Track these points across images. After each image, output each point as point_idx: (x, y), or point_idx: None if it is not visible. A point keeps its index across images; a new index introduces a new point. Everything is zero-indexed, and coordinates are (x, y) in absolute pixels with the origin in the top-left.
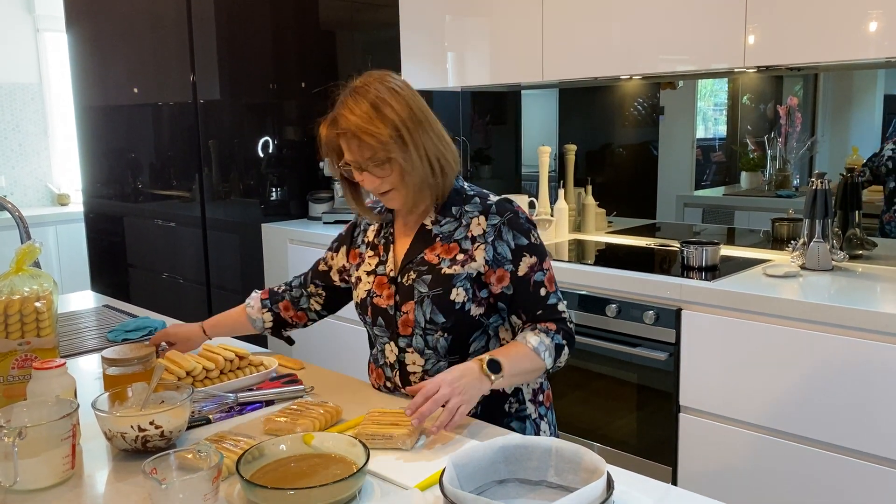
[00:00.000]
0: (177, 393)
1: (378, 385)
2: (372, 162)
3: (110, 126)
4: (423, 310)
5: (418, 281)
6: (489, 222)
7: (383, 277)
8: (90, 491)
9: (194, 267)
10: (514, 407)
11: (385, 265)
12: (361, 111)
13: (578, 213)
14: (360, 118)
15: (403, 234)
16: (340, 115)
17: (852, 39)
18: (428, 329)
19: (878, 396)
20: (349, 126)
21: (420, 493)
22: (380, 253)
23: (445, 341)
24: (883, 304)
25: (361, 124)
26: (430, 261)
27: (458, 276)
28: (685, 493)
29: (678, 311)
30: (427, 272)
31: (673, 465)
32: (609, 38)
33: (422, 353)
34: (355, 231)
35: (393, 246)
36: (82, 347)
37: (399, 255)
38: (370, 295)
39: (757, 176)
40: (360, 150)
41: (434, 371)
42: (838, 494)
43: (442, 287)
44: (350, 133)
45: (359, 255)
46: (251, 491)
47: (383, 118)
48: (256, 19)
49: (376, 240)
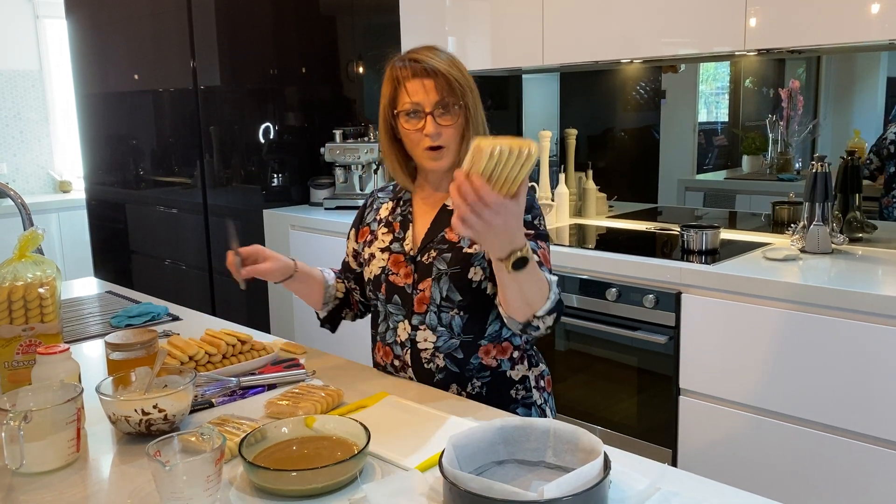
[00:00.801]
0: (180, 377)
1: (384, 363)
2: (441, 105)
3: (111, 113)
4: (440, 287)
5: (438, 259)
6: None
7: (400, 255)
8: (95, 473)
9: (196, 253)
10: (521, 394)
11: (402, 243)
12: (441, 59)
13: (579, 198)
14: (441, 62)
15: (423, 214)
16: (420, 56)
17: (854, 21)
18: (443, 306)
19: (878, 378)
20: (433, 65)
21: (420, 474)
22: (395, 230)
23: (461, 319)
24: (883, 286)
25: (446, 67)
26: (451, 239)
27: (476, 254)
28: (682, 472)
29: (678, 294)
30: (447, 250)
31: (673, 448)
32: (609, 21)
33: (434, 331)
34: (365, 212)
35: (412, 224)
36: (86, 333)
37: (419, 235)
38: (385, 272)
39: (758, 159)
40: (437, 90)
41: (445, 348)
42: (837, 476)
43: (460, 265)
44: (434, 71)
45: (369, 232)
46: (254, 472)
47: (459, 70)
48: (256, 4)
49: (391, 217)
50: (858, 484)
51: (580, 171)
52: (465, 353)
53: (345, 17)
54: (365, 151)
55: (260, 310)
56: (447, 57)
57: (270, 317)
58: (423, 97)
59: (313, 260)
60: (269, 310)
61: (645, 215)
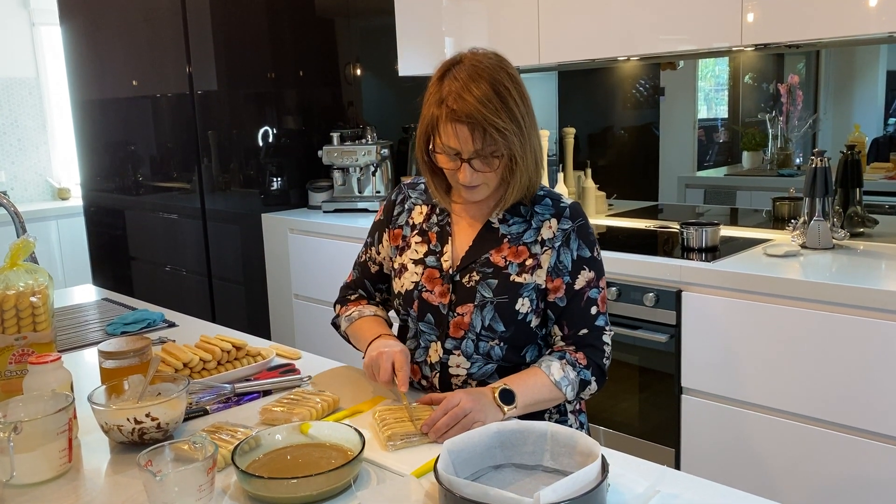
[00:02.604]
0: (173, 385)
1: (411, 382)
2: (481, 155)
3: (108, 119)
4: (483, 315)
5: (482, 284)
6: (560, 226)
7: (435, 271)
8: (88, 484)
9: (195, 258)
10: (555, 417)
11: (439, 257)
12: (482, 94)
13: (578, 197)
14: (484, 105)
15: (466, 228)
16: (456, 94)
17: (853, 15)
18: (483, 335)
19: (880, 374)
20: (471, 112)
21: (416, 480)
22: (431, 242)
23: (500, 350)
24: (884, 281)
25: (487, 114)
26: (496, 263)
27: (526, 285)
28: (681, 474)
29: (678, 292)
30: (493, 276)
31: (676, 447)
32: (606, 19)
33: (469, 358)
34: (394, 211)
35: (451, 239)
36: (85, 340)
37: (459, 251)
38: (418, 288)
39: (759, 155)
40: (473, 140)
41: (479, 375)
42: (841, 473)
43: (508, 295)
44: (470, 120)
45: (402, 237)
46: (247, 481)
47: (508, 110)
48: (252, 8)
49: (426, 225)
50: (860, 479)
51: (579, 169)
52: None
53: (342, 20)
54: (363, 154)
55: (260, 315)
56: (497, 88)
57: (271, 322)
58: (458, 145)
59: (312, 262)
60: (270, 315)
61: (645, 213)
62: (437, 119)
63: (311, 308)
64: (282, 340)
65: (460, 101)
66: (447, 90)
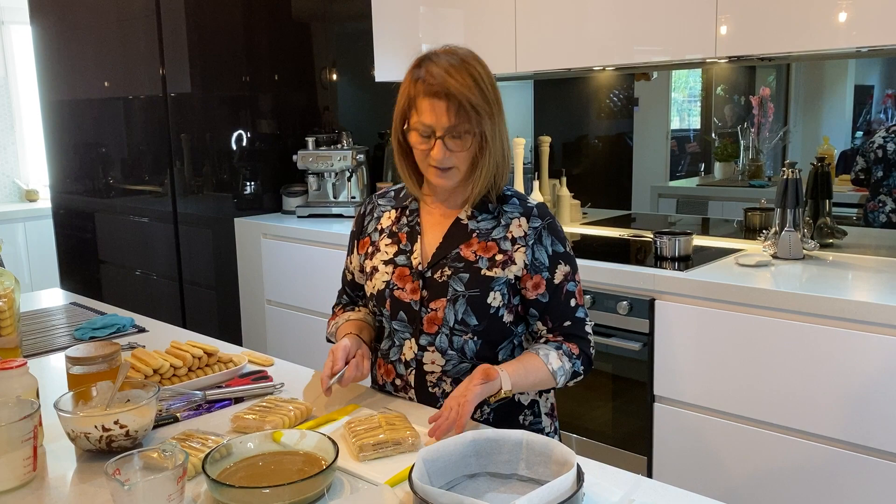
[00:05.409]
0: (143, 391)
1: (384, 382)
2: (453, 132)
3: (78, 120)
4: (456, 309)
5: (454, 278)
6: (531, 225)
7: (405, 269)
8: (53, 493)
9: (167, 262)
10: (529, 419)
11: (408, 256)
12: (462, 77)
13: (553, 205)
14: (459, 82)
15: (434, 226)
16: (437, 73)
17: (822, 29)
18: (456, 330)
19: (850, 383)
20: (448, 86)
21: (390, 489)
22: (401, 242)
23: (474, 344)
24: (853, 291)
25: (463, 90)
26: (466, 257)
27: (497, 279)
28: (656, 483)
29: (651, 301)
30: (464, 269)
31: (648, 455)
32: (582, 29)
33: (444, 354)
34: (364, 221)
35: (420, 237)
36: (51, 345)
37: (429, 248)
38: (390, 287)
39: (730, 166)
40: (448, 114)
41: (454, 373)
42: (813, 482)
43: (480, 288)
44: (448, 94)
45: (370, 243)
46: (217, 490)
47: (481, 91)
48: (228, 10)
49: (395, 227)
50: (832, 489)
51: (554, 178)
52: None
53: (318, 24)
54: (338, 159)
55: (231, 321)
56: (472, 71)
57: (243, 328)
58: (433, 120)
59: (286, 267)
60: (241, 321)
61: (618, 222)
62: (415, 97)
63: (284, 314)
64: (254, 347)
65: (438, 77)
66: (425, 70)
